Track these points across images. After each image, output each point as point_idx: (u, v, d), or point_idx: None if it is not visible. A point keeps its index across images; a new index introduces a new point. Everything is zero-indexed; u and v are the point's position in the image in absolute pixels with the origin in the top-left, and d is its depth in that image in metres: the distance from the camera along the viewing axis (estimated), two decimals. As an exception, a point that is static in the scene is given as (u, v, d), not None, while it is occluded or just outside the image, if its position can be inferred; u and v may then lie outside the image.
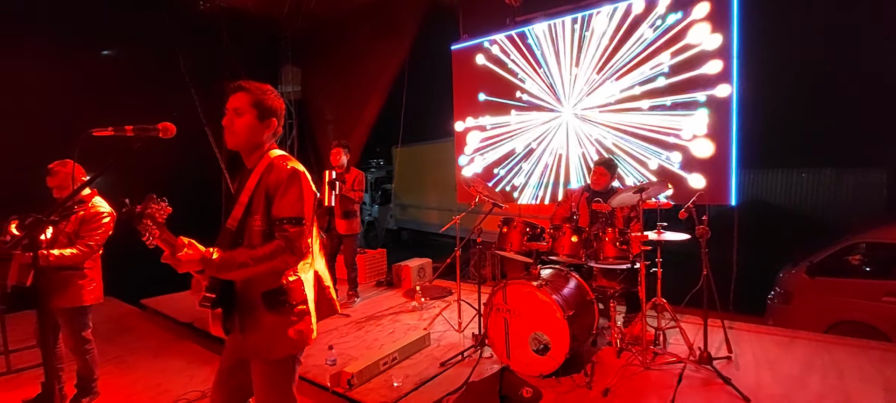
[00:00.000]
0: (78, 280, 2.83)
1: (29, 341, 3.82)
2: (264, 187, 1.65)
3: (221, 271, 1.55)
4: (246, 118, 1.67)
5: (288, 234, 1.59)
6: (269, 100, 1.71)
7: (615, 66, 4.79)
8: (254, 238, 1.64)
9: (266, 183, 1.65)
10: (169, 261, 1.48)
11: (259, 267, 1.56)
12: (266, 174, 1.67)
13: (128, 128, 1.51)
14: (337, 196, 4.64)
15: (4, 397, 3.15)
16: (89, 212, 2.81)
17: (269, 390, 1.70)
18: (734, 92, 4.06)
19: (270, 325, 1.65)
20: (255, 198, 1.66)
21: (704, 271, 3.11)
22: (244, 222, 1.67)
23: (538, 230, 3.52)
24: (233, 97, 1.67)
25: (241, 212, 1.66)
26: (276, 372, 1.69)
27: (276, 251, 1.56)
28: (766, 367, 3.19)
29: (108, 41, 5.86)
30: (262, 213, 1.64)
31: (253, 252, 1.56)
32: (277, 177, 1.64)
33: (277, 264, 1.59)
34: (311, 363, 3.48)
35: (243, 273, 1.57)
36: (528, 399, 2.83)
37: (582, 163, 5.13)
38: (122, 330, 4.60)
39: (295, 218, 1.61)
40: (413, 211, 12.07)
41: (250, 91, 1.67)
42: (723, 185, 4.14)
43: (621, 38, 4.72)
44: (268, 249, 1.56)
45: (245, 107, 1.66)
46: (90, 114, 5.02)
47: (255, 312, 1.64)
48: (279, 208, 1.62)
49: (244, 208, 1.66)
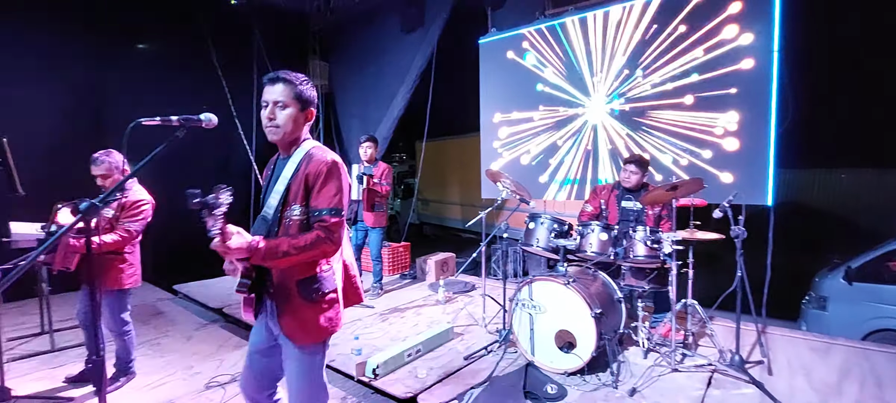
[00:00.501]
0: (119, 264, 2.95)
1: (71, 322, 4.01)
2: (303, 177, 1.67)
3: (266, 259, 1.57)
4: (289, 111, 1.69)
5: (327, 225, 1.62)
6: (308, 89, 1.73)
7: (647, 61, 4.68)
8: (292, 227, 1.67)
9: (305, 173, 1.67)
10: (218, 248, 1.52)
11: (301, 255, 1.59)
12: (305, 164, 1.69)
13: (174, 119, 1.54)
14: (365, 189, 4.70)
15: (49, 373, 3.31)
16: (130, 200, 2.92)
17: (300, 374, 1.74)
18: (773, 88, 3.92)
19: (303, 312, 1.69)
20: (292, 188, 1.68)
21: (739, 272, 3.02)
22: (280, 211, 1.69)
23: (566, 226, 3.48)
24: (272, 89, 1.68)
25: (278, 201, 1.69)
26: (307, 357, 1.73)
27: (317, 241, 1.59)
28: (801, 373, 3.09)
29: (142, 34, 6.02)
30: (301, 203, 1.67)
31: (295, 241, 1.59)
32: (317, 168, 1.66)
33: (317, 254, 1.62)
34: (336, 352, 3.54)
35: (286, 261, 1.59)
36: (553, 396, 2.81)
37: (611, 160, 5.04)
38: (156, 314, 4.77)
39: (334, 209, 1.63)
40: (435, 205, 12.10)
41: (291, 82, 1.68)
42: (759, 184, 4.01)
43: (654, 32, 4.61)
44: (309, 239, 1.59)
45: (288, 100, 1.68)
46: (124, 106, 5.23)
47: (290, 299, 1.68)
48: (318, 199, 1.64)
49: (281, 197, 1.69)
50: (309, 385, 1.76)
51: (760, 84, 3.99)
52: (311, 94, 1.74)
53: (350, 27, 7.34)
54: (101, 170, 2.88)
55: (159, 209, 3.12)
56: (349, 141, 7.51)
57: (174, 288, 5.57)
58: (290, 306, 1.69)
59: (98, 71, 5.46)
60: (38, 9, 5.03)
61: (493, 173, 3.89)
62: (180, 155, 1.67)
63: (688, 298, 3.29)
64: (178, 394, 3.00)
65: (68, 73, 5.23)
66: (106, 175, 2.88)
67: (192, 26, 6.13)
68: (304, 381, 1.75)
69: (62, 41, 5.18)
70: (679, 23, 4.43)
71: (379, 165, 4.88)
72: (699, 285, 3.27)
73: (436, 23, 5.92)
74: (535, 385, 2.92)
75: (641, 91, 4.74)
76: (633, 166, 3.68)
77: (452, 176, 11.03)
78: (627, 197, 3.72)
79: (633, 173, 3.68)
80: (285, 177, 1.70)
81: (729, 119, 4.20)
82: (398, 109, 6.46)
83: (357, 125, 7.34)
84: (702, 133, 4.39)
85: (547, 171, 5.59)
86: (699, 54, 4.33)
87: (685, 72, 4.42)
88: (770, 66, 3.94)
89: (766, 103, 3.95)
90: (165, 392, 3.04)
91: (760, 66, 4.00)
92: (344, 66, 7.66)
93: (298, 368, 1.73)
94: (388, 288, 5.40)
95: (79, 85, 5.32)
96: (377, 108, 6.81)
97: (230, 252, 1.53)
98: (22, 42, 4.92)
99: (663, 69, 4.57)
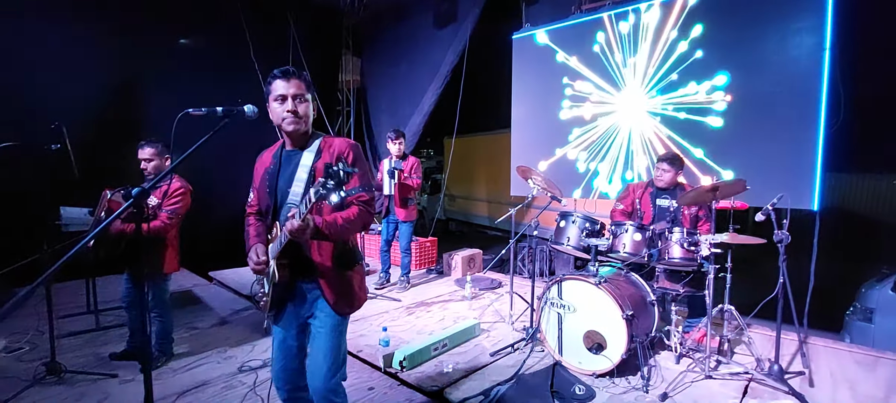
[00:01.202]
0: (161, 248, 3.08)
1: (115, 302, 4.21)
2: (333, 160, 1.77)
3: (330, 231, 1.70)
4: (308, 103, 1.82)
5: (365, 200, 1.78)
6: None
7: (687, 59, 4.53)
8: (324, 210, 1.75)
9: (332, 156, 1.79)
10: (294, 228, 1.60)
11: (352, 227, 1.76)
12: (327, 149, 1.82)
13: (219, 110, 1.59)
14: (396, 184, 4.74)
15: (94, 351, 3.48)
16: (172, 186, 3.04)
17: (333, 343, 1.84)
18: (823, 87, 3.73)
19: (343, 282, 1.84)
20: (316, 174, 1.78)
21: (781, 279, 2.90)
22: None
23: (598, 226, 3.42)
24: (289, 84, 1.76)
25: (303, 189, 1.78)
26: (339, 327, 1.86)
27: (361, 214, 1.77)
28: (845, 387, 2.95)
29: (183, 30, 6.22)
30: None
31: (345, 214, 1.74)
32: (342, 149, 1.80)
33: (361, 226, 1.80)
34: (364, 343, 3.59)
35: (342, 232, 1.74)
36: (581, 397, 2.77)
37: (647, 158, 4.91)
38: (192, 300, 4.94)
39: (366, 186, 1.77)
40: (462, 202, 12.08)
41: (304, 77, 1.81)
42: (805, 188, 3.83)
43: (692, 28, 4.46)
44: (354, 213, 1.76)
45: (305, 92, 1.79)
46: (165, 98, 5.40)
47: (330, 271, 1.81)
48: (353, 179, 1.72)
49: (305, 184, 1.78)
50: (338, 357, 1.86)
51: (809, 82, 3.80)
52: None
53: (383, 22, 7.40)
54: (146, 155, 3.02)
55: (195, 198, 3.24)
56: (379, 135, 7.58)
57: (210, 274, 5.77)
58: (330, 279, 1.81)
59: (141, 64, 5.67)
60: (85, 7, 5.27)
61: (524, 170, 3.86)
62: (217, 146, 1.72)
63: (725, 303, 3.18)
64: (213, 376, 3.11)
65: (113, 67, 5.45)
66: (150, 159, 3.03)
67: (229, 20, 6.30)
68: (335, 354, 1.85)
69: (107, 36, 5.39)
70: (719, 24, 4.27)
71: (408, 159, 4.91)
72: (736, 290, 3.16)
73: (469, 18, 5.89)
74: (563, 385, 2.88)
75: (679, 89, 4.59)
76: (665, 164, 3.57)
77: (480, 172, 10.98)
78: (663, 195, 3.62)
79: (666, 171, 3.57)
80: (305, 164, 1.81)
81: (776, 120, 4.02)
82: (428, 105, 6.48)
83: (386, 120, 7.41)
84: (746, 133, 4.22)
85: (580, 168, 5.50)
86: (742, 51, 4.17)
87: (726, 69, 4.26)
88: (821, 63, 3.75)
89: (816, 103, 3.77)
90: (201, 373, 3.15)
91: (810, 63, 3.81)
92: (376, 60, 7.73)
93: (333, 336, 1.84)
94: (414, 282, 5.44)
95: (123, 78, 5.53)
96: (408, 104, 6.84)
97: (294, 233, 1.61)
98: (69, 36, 5.15)
99: (702, 68, 4.41)
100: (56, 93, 4.88)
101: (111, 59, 5.44)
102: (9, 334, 3.67)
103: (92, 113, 5.10)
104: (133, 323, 3.33)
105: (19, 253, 3.43)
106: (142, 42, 5.67)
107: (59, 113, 3.37)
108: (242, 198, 2.08)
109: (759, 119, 4.12)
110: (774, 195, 2.94)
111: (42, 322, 3.74)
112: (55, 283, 4.86)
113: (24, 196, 4.35)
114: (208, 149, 1.54)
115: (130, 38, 5.58)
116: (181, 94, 5.39)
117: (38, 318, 3.93)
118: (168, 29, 6.00)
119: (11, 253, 3.60)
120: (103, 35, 5.38)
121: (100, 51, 5.35)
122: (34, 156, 2.63)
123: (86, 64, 5.24)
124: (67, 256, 1.31)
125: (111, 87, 5.45)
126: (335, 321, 1.84)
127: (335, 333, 1.84)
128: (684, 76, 4.54)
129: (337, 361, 1.85)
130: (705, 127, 4.44)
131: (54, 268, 1.28)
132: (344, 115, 8.16)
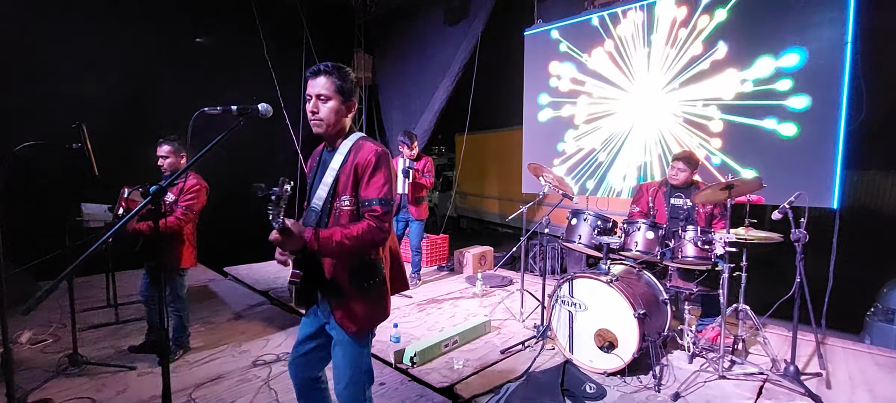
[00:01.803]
0: (177, 244, 3.15)
1: (133, 296, 4.31)
2: (353, 168, 1.69)
3: (322, 248, 1.60)
4: (332, 104, 1.71)
5: (377, 214, 1.65)
6: (350, 81, 1.74)
7: (703, 56, 4.46)
8: (342, 217, 1.70)
9: (354, 164, 1.69)
10: (276, 239, 1.55)
11: (353, 244, 1.61)
12: (353, 155, 1.71)
13: (234, 108, 1.61)
14: (410, 183, 4.77)
15: (114, 343, 3.58)
16: (187, 183, 3.11)
17: (349, 361, 1.77)
18: (845, 81, 3.64)
19: (355, 300, 1.72)
20: (342, 179, 1.71)
21: (798, 278, 2.85)
22: (330, 202, 1.73)
23: (610, 223, 3.39)
24: (315, 83, 1.70)
25: (327, 193, 1.72)
26: (357, 345, 1.77)
27: (368, 230, 1.63)
28: (864, 389, 2.88)
29: (197, 29, 6.31)
30: (350, 193, 1.70)
31: (346, 231, 1.62)
32: (366, 158, 1.68)
33: (368, 243, 1.65)
34: (375, 339, 3.60)
35: (340, 250, 1.62)
36: (592, 395, 2.76)
37: (661, 155, 4.85)
38: (207, 294, 5.04)
39: (383, 200, 1.66)
40: (473, 199, 12.05)
41: (333, 75, 1.70)
42: (824, 185, 3.75)
43: (708, 24, 4.38)
44: (360, 228, 1.62)
45: (330, 93, 1.69)
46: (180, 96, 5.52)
47: (342, 288, 1.72)
48: (368, 190, 1.67)
49: (329, 188, 1.72)
50: (357, 371, 1.79)
51: (830, 76, 3.71)
52: (353, 86, 1.75)
53: (394, 19, 7.42)
54: (163, 152, 3.10)
55: (211, 194, 3.30)
56: (390, 133, 7.61)
57: (224, 270, 5.87)
58: (341, 295, 1.72)
59: (156, 63, 5.79)
60: (100, 8, 5.38)
61: (535, 167, 3.84)
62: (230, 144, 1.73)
63: (739, 302, 3.13)
64: (228, 369, 3.17)
65: (129, 66, 5.56)
66: (166, 156, 3.10)
67: (243, 19, 6.38)
68: (354, 368, 1.78)
69: (123, 36, 5.51)
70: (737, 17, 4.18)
71: (422, 159, 4.94)
72: (752, 289, 3.11)
73: (480, 15, 5.87)
74: (574, 383, 2.87)
75: (693, 85, 4.52)
76: (681, 163, 3.53)
77: (491, 170, 10.94)
78: (677, 194, 3.58)
79: (681, 170, 3.53)
80: (333, 168, 1.73)
81: (796, 115, 3.94)
82: (440, 102, 6.48)
83: (398, 117, 7.42)
84: (764, 129, 4.14)
85: (592, 166, 5.46)
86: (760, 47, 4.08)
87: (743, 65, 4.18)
88: (842, 56, 3.65)
89: (837, 97, 3.67)
90: (216, 366, 3.22)
91: (831, 56, 3.72)
92: (388, 58, 7.75)
93: (348, 354, 1.77)
94: (425, 279, 5.46)
95: (138, 77, 5.64)
96: (419, 101, 6.85)
97: (287, 243, 1.56)
98: (87, 37, 5.26)
99: (719, 62, 4.34)
100: (76, 91, 5.01)
101: (129, 59, 5.56)
102: (34, 326, 3.78)
103: (111, 111, 5.20)
104: (151, 317, 3.42)
105: (43, 249, 3.54)
106: (157, 41, 5.78)
107: (78, 111, 3.45)
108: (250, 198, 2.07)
109: (778, 115, 4.03)
110: (792, 193, 2.88)
111: (65, 315, 3.86)
112: (77, 278, 5.02)
113: (46, 192, 4.49)
114: (224, 147, 1.56)
115: (145, 37, 5.69)
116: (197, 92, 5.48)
117: (61, 312, 4.06)
118: (183, 28, 6.10)
119: (36, 249, 3.71)
120: (121, 35, 5.50)
121: (118, 51, 5.47)
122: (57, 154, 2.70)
123: (105, 63, 5.36)
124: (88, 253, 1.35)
125: (130, 85, 5.56)
126: (349, 340, 1.75)
127: (349, 348, 1.76)
128: (699, 72, 4.47)
129: (356, 375, 1.78)
130: (721, 123, 4.37)
131: (75, 264, 1.32)
132: (356, 113, 8.20)
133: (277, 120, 6.65)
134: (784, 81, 3.97)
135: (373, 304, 1.76)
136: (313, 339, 1.88)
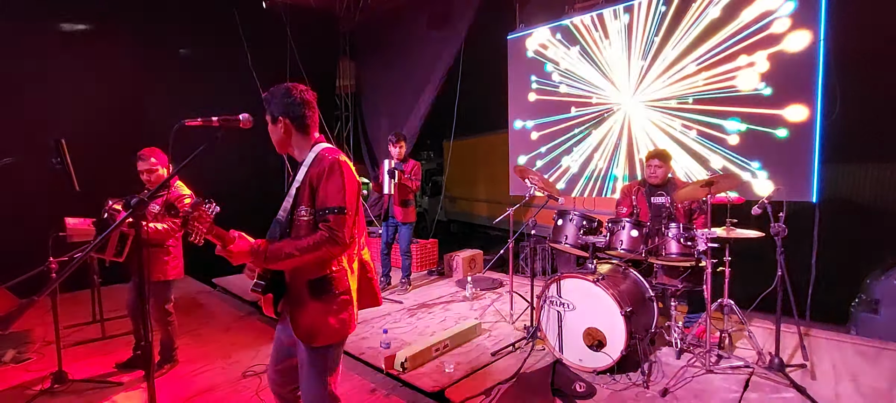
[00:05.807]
0: (163, 256, 3.12)
1: (120, 311, 4.25)
2: (309, 179, 1.68)
3: (270, 262, 1.60)
4: (271, 129, 1.78)
5: (330, 224, 1.61)
6: (275, 101, 1.74)
7: (684, 52, 4.54)
8: (301, 229, 1.68)
9: (310, 175, 1.69)
10: (222, 254, 1.57)
11: (305, 257, 1.59)
12: (312, 166, 1.71)
13: (214, 120, 1.61)
14: (396, 184, 4.78)
15: (100, 359, 3.53)
16: (173, 194, 3.07)
17: (310, 376, 1.73)
18: (819, 76, 3.73)
19: (314, 313, 1.68)
20: (301, 190, 1.69)
21: (779, 271, 2.90)
22: (293, 213, 1.71)
23: (595, 223, 3.43)
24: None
25: (290, 204, 1.71)
26: (318, 359, 1.72)
27: (321, 241, 1.60)
28: (848, 379, 2.94)
29: (181, 39, 6.26)
30: (306, 204, 1.68)
31: (298, 243, 1.60)
32: (320, 167, 1.67)
33: (322, 254, 1.62)
34: (366, 345, 3.62)
35: (290, 263, 1.61)
36: (582, 394, 2.79)
37: (644, 153, 4.92)
38: (196, 306, 4.99)
39: (337, 208, 1.63)
40: (463, 203, 12.08)
41: (264, 101, 1.76)
42: (803, 180, 3.83)
43: (689, 22, 4.46)
44: (312, 240, 1.60)
45: (268, 120, 1.78)
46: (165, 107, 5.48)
47: (301, 299, 1.69)
48: (322, 198, 1.65)
49: (292, 200, 1.71)
50: (318, 388, 1.73)
51: (804, 72, 3.80)
52: (280, 105, 1.73)
53: (378, 26, 7.44)
54: (146, 166, 3.06)
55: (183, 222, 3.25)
56: (376, 140, 7.61)
57: (213, 281, 5.81)
58: (301, 307, 1.69)
59: (141, 74, 5.73)
60: (87, 18, 5.34)
61: (521, 170, 3.87)
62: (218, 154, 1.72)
63: (724, 298, 3.18)
64: (218, 382, 3.14)
65: (113, 77, 5.50)
66: (151, 170, 3.06)
67: (227, 30, 6.35)
68: (315, 384, 1.73)
69: (108, 47, 5.46)
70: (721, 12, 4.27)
71: (408, 162, 4.95)
72: (737, 284, 3.16)
73: (463, 19, 5.91)
74: (564, 383, 2.90)
75: (676, 84, 4.60)
76: (656, 160, 3.62)
77: (479, 173, 10.98)
78: (658, 192, 3.63)
79: (658, 167, 3.61)
80: (297, 180, 1.72)
81: (772, 111, 4.02)
82: (425, 107, 6.50)
83: (386, 123, 7.42)
84: (741, 124, 4.22)
85: (577, 167, 5.51)
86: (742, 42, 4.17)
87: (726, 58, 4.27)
88: (816, 52, 3.75)
89: (812, 93, 3.76)
90: (205, 379, 3.19)
91: (806, 52, 3.81)
92: (373, 64, 7.76)
93: (309, 370, 1.73)
94: (415, 283, 5.46)
95: (123, 88, 5.58)
96: (405, 106, 6.86)
97: (233, 256, 1.57)
98: (72, 48, 5.22)
99: (701, 59, 4.42)
100: (55, 106, 4.94)
101: (110, 71, 5.50)
102: (17, 345, 3.71)
103: (93, 124, 5.14)
104: (138, 332, 3.38)
105: (26, 265, 3.48)
106: (141, 52, 5.73)
107: (58, 126, 3.41)
108: (245, 206, 2.10)
109: (754, 112, 4.11)
110: (771, 188, 2.94)
111: (49, 332, 3.79)
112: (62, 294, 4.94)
113: (28, 209, 4.42)
114: (212, 157, 1.56)
115: (128, 48, 5.63)
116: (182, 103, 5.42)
117: (45, 328, 3.98)
118: (167, 39, 6.05)
119: (18, 266, 3.65)
120: (102, 47, 5.45)
121: (99, 63, 5.41)
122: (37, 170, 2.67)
123: (86, 76, 5.30)
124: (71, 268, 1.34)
125: (114, 98, 5.50)
126: (310, 355, 1.71)
127: (313, 369, 1.72)
128: (677, 71, 4.55)
129: (319, 393, 1.73)
130: (700, 121, 4.44)
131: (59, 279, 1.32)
132: (343, 120, 8.20)
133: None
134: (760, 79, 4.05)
135: (333, 318, 1.70)
136: (285, 354, 1.86)
